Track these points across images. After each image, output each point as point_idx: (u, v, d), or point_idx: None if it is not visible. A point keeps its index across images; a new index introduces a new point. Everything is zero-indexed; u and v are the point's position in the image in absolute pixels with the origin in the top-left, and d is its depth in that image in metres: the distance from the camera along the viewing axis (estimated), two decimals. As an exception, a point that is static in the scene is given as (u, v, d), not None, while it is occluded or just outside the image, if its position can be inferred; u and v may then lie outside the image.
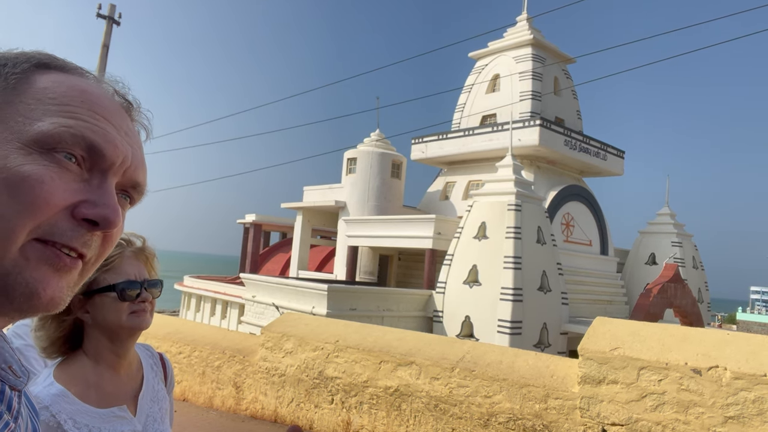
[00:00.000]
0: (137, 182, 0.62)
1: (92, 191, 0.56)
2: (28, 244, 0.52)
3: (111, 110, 0.59)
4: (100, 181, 0.57)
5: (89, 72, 0.62)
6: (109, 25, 12.23)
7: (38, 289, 0.52)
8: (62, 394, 1.15)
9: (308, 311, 15.26)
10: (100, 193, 0.56)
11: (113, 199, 0.57)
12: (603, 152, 23.91)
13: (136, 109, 0.66)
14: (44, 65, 0.59)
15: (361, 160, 23.53)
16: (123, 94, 0.65)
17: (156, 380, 1.40)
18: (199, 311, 27.10)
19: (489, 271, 16.82)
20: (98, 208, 0.55)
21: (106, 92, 0.61)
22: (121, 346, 1.27)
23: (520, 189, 17.65)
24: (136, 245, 1.32)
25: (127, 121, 0.62)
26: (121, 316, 1.24)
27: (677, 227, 24.01)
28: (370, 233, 21.35)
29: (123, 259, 1.27)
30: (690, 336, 4.02)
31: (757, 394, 3.50)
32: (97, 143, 0.56)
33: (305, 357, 5.85)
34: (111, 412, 1.20)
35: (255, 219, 30.02)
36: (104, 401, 1.21)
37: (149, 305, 1.30)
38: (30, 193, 0.51)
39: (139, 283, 1.27)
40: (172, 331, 7.26)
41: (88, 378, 1.21)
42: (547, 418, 4.31)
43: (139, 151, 0.62)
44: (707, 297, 24.65)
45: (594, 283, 21.57)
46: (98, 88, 0.60)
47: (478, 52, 25.56)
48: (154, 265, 1.36)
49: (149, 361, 1.42)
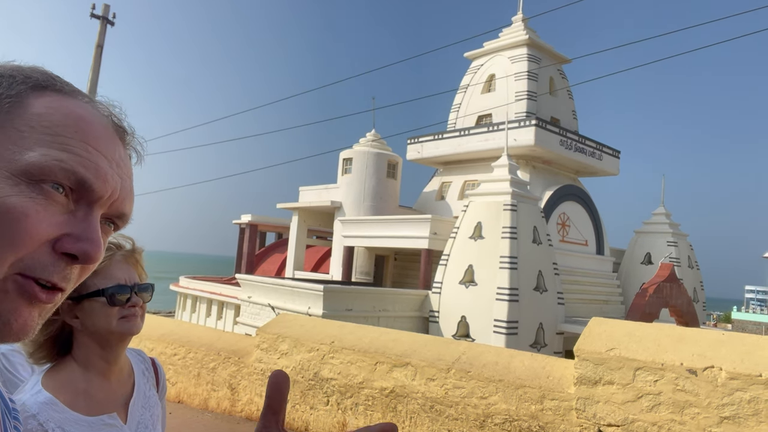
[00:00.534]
0: (123, 213, 0.62)
1: (76, 224, 0.55)
2: (9, 278, 0.52)
3: (104, 140, 0.58)
4: (85, 213, 0.56)
5: (86, 95, 0.60)
6: (103, 25, 12.17)
7: (10, 320, 0.52)
8: (50, 402, 1.12)
9: (304, 312, 15.23)
10: (84, 226, 0.55)
11: (97, 233, 0.56)
12: (598, 152, 23.97)
13: (130, 135, 0.65)
14: (41, 87, 0.57)
15: (357, 160, 23.51)
16: (118, 120, 0.63)
17: (148, 386, 1.38)
18: (195, 312, 27.03)
19: (485, 271, 16.83)
20: (80, 243, 0.54)
21: (101, 119, 0.60)
22: (112, 351, 1.25)
23: (515, 189, 17.66)
24: (125, 248, 1.30)
25: (120, 149, 0.61)
26: (111, 322, 1.22)
27: (672, 227, 24.09)
28: (365, 233, 21.34)
29: (113, 263, 1.25)
30: (685, 336, 4.02)
31: (753, 394, 3.50)
32: (88, 178, 0.55)
33: (300, 358, 5.83)
34: (101, 420, 1.18)
35: (251, 219, 29.96)
36: (94, 409, 1.19)
37: (140, 310, 1.27)
38: (14, 227, 0.50)
39: (129, 287, 1.25)
40: (167, 333, 7.22)
41: (77, 385, 1.19)
42: (543, 419, 4.30)
43: (128, 181, 0.61)
44: (702, 296, 24.74)
45: (590, 283, 21.61)
46: (93, 115, 0.59)
47: (473, 53, 25.57)
48: (144, 269, 1.34)
49: (141, 366, 1.40)
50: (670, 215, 24.59)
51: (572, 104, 25.20)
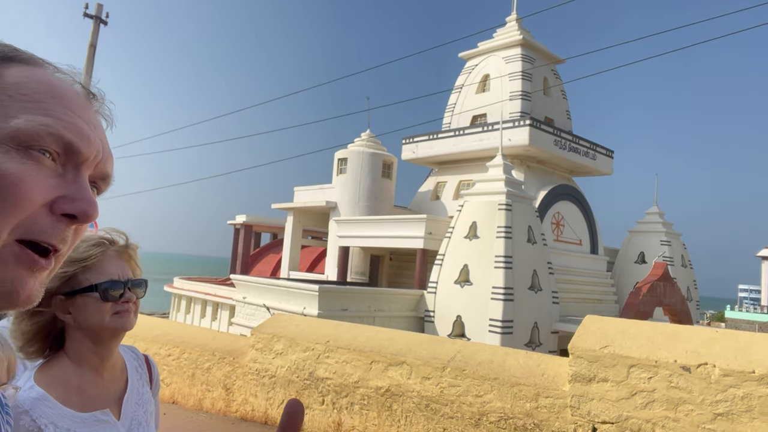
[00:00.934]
0: (107, 174, 0.63)
1: (68, 186, 0.56)
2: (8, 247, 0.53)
3: (80, 104, 0.60)
4: (74, 175, 0.57)
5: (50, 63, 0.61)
6: (96, 24, 12.12)
7: (17, 289, 0.54)
8: (43, 397, 1.12)
9: (299, 312, 15.21)
10: (76, 187, 0.57)
11: (89, 193, 0.58)
12: (592, 152, 24.06)
13: (99, 99, 0.66)
14: (8, 58, 0.58)
15: (352, 160, 23.50)
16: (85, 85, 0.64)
17: (141, 383, 1.37)
18: (190, 313, 26.95)
19: (480, 271, 16.85)
20: (77, 203, 0.56)
21: (72, 85, 0.61)
22: (105, 347, 1.24)
23: (510, 189, 17.70)
24: (119, 243, 1.30)
25: (93, 113, 0.62)
26: (104, 317, 1.21)
27: (666, 226, 24.20)
28: (361, 233, 21.33)
29: (106, 258, 1.24)
30: (679, 334, 4.03)
31: (746, 390, 3.52)
32: (74, 141, 0.56)
33: (296, 358, 5.82)
34: (93, 416, 1.17)
35: (246, 220, 29.90)
36: (87, 405, 1.18)
37: (133, 305, 1.26)
38: (11, 192, 0.52)
39: (123, 282, 1.24)
40: (161, 333, 7.20)
41: (69, 381, 1.18)
42: (538, 417, 4.31)
43: (106, 143, 0.63)
44: (696, 295, 24.86)
45: (584, 282, 21.68)
46: (64, 82, 0.60)
47: (468, 53, 25.62)
48: (138, 264, 1.33)
49: (134, 363, 1.39)
50: (663, 215, 24.70)
51: (566, 104, 25.28)
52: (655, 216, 24.60)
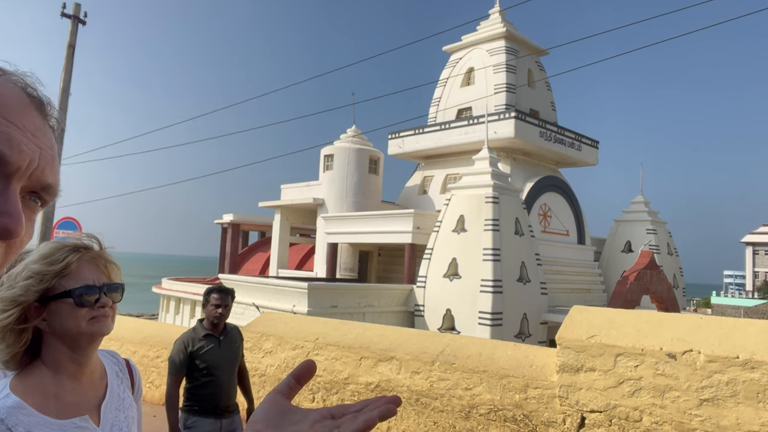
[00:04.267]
0: (47, 184, 0.59)
1: None
2: None
3: (16, 110, 0.56)
4: (2, 187, 0.54)
5: None
6: (75, 24, 11.94)
7: None
8: (18, 405, 1.10)
9: (289, 310, 15.18)
10: (1, 200, 0.53)
11: (15, 207, 0.54)
12: (577, 143, 24.21)
13: (47, 104, 0.62)
14: None
15: (338, 156, 23.44)
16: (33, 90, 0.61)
17: (122, 387, 1.36)
18: (179, 314, 26.77)
19: (468, 264, 16.92)
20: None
21: (12, 89, 0.58)
22: (82, 353, 1.23)
23: (497, 181, 17.76)
24: (93, 249, 1.28)
25: (36, 119, 0.59)
26: (81, 323, 1.20)
27: (651, 215, 24.44)
28: (349, 230, 21.30)
29: (81, 264, 1.23)
30: (664, 321, 4.07)
31: (731, 376, 3.56)
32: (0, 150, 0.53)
33: (285, 356, 5.80)
34: (72, 422, 1.16)
35: (233, 219, 29.73)
36: (65, 412, 1.16)
37: (110, 310, 1.25)
38: None
39: (98, 288, 1.23)
40: (149, 335, 7.14)
41: (46, 388, 1.17)
42: (527, 408, 4.33)
43: (48, 151, 0.59)
44: (682, 282, 25.17)
45: (572, 273, 21.85)
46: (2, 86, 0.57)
47: (451, 46, 25.62)
48: (113, 269, 1.31)
49: (114, 368, 1.37)
50: (648, 203, 24.94)
51: (551, 95, 25.40)
52: (641, 205, 24.83)
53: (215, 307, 3.77)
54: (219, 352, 3.74)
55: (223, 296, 3.80)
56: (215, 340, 3.76)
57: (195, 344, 3.72)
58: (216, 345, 3.74)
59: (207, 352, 3.70)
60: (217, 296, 3.80)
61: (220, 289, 3.85)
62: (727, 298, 56.16)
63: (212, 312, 3.78)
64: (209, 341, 3.75)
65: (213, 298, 3.79)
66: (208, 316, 3.81)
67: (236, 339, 3.92)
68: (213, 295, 3.81)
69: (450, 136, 23.01)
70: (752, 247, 72.28)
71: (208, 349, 3.71)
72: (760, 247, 71.87)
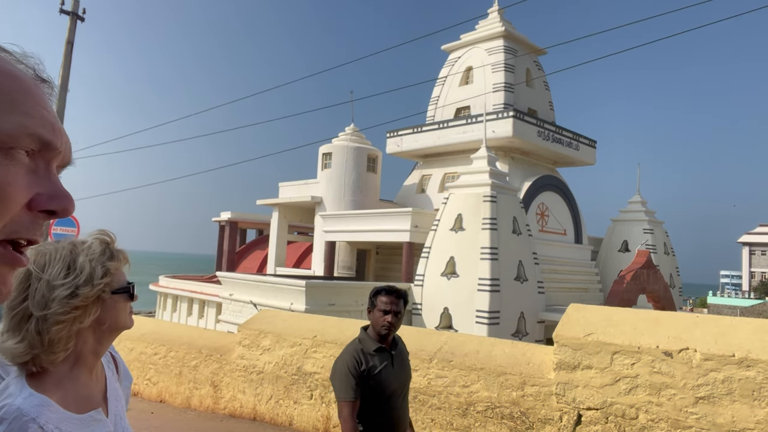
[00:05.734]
0: (68, 163, 0.63)
1: (42, 182, 0.57)
2: None
3: (43, 95, 0.59)
4: (45, 170, 0.57)
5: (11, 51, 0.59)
6: (73, 21, 11.91)
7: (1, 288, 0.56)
8: (45, 403, 1.09)
9: (287, 308, 15.18)
10: (50, 183, 0.57)
11: (64, 187, 0.58)
12: (575, 142, 24.24)
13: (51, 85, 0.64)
14: None
15: (337, 154, 23.44)
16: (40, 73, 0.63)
17: (114, 378, 1.38)
18: (176, 311, 26.77)
19: (466, 263, 16.94)
20: (57, 200, 0.57)
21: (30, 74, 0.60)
22: (106, 347, 1.26)
23: (495, 180, 17.79)
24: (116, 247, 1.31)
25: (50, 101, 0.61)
26: (127, 316, 1.26)
27: (648, 214, 24.50)
28: (347, 228, 21.31)
29: None
30: (661, 319, 4.10)
31: (726, 374, 3.59)
32: (50, 139, 0.57)
33: (283, 353, 5.82)
34: (89, 416, 1.17)
35: (231, 217, 29.71)
36: (82, 406, 1.17)
37: None
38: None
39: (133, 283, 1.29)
40: (147, 332, 7.14)
41: (65, 384, 1.17)
42: (524, 405, 4.36)
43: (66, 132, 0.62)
44: (679, 282, 25.24)
45: (569, 272, 21.90)
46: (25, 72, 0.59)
47: (450, 45, 25.62)
48: None
49: (104, 358, 1.39)
50: (645, 203, 25.00)
51: (549, 95, 25.42)
52: (638, 204, 24.89)
53: (383, 314, 2.97)
54: (393, 371, 2.97)
55: (395, 299, 3.00)
56: (388, 356, 2.99)
57: (368, 361, 2.92)
58: (389, 362, 2.98)
59: (382, 371, 2.92)
60: (387, 299, 2.98)
61: (389, 290, 3.03)
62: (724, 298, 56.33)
63: (379, 319, 2.98)
64: (382, 357, 2.97)
65: (381, 302, 2.99)
66: (375, 324, 3.01)
67: (405, 352, 3.20)
68: (381, 297, 3.01)
69: (448, 135, 23.03)
70: (749, 248, 72.51)
71: (382, 367, 2.93)
72: (756, 248, 72.10)
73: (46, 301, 1.13)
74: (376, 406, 2.89)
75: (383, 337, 2.97)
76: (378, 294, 3.00)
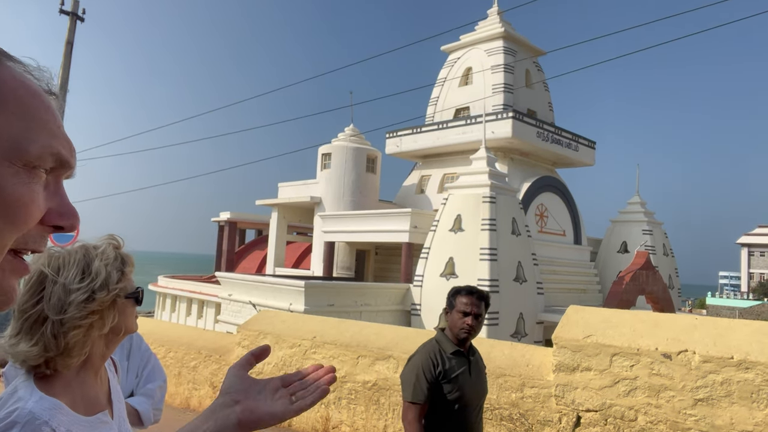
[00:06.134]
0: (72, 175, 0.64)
1: (53, 198, 0.58)
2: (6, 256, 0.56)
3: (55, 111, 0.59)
4: (55, 185, 0.59)
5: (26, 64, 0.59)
6: (73, 21, 11.90)
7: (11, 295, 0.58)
8: (57, 406, 1.10)
9: (286, 308, 15.18)
10: (59, 200, 0.59)
11: (71, 204, 0.60)
12: (574, 143, 24.26)
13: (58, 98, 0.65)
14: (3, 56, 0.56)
15: (336, 155, 23.44)
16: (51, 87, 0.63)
17: (114, 378, 1.39)
18: (175, 311, 26.75)
19: (465, 263, 16.95)
20: (66, 217, 0.59)
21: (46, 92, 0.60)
22: (112, 350, 1.27)
23: (494, 181, 17.80)
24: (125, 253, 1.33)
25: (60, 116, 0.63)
26: (133, 321, 1.28)
27: (647, 215, 24.52)
28: (346, 228, 21.31)
29: None
30: (660, 322, 4.11)
31: (725, 376, 3.59)
32: (68, 159, 0.58)
33: (283, 354, 5.82)
34: (97, 418, 1.17)
35: (230, 217, 29.71)
36: (90, 408, 1.18)
37: None
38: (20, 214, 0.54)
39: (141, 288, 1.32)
40: (146, 333, 7.12)
41: (73, 387, 1.18)
42: (524, 407, 4.36)
43: None
44: (678, 283, 25.26)
45: (568, 273, 21.91)
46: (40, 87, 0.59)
47: (450, 46, 25.63)
48: None
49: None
50: (644, 204, 25.02)
51: (548, 96, 25.44)
52: (637, 205, 24.91)
53: (462, 315, 2.75)
54: (470, 380, 2.73)
55: (475, 301, 2.76)
56: (466, 362, 2.76)
57: (444, 363, 2.70)
58: (467, 368, 2.74)
59: (459, 376, 2.69)
60: (467, 300, 2.76)
61: (470, 290, 2.81)
62: (723, 299, 56.39)
63: (458, 322, 2.75)
64: (460, 361, 2.74)
65: (460, 303, 2.77)
66: (453, 326, 2.79)
67: (482, 362, 2.96)
68: (461, 298, 2.78)
69: (448, 136, 23.03)
70: (747, 249, 72.60)
71: (459, 372, 2.70)
72: (755, 249, 72.20)
73: (62, 304, 1.13)
74: (446, 416, 2.64)
75: (461, 341, 2.77)
76: (457, 294, 2.81)
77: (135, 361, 2.45)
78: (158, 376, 2.48)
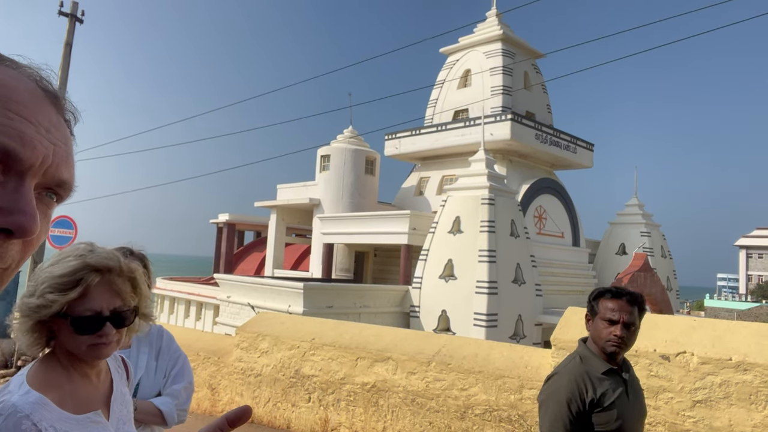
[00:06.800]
0: (62, 180, 0.58)
1: (6, 196, 0.51)
2: None
3: (30, 106, 0.54)
4: (16, 184, 0.52)
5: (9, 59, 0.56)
6: (72, 22, 11.91)
7: None
8: (41, 401, 1.12)
9: (284, 310, 15.17)
10: (15, 198, 0.51)
11: (30, 204, 0.52)
12: (573, 145, 24.29)
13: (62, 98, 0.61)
14: None
15: (335, 156, 23.44)
16: (47, 83, 0.59)
17: (122, 383, 1.39)
18: (173, 313, 26.71)
19: (464, 265, 16.95)
20: (12, 216, 0.51)
21: (26, 84, 0.56)
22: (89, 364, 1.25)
23: (493, 183, 17.81)
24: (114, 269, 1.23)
25: (51, 114, 0.57)
26: (81, 347, 1.19)
27: (645, 217, 24.55)
28: (345, 230, 21.31)
29: (93, 289, 1.19)
30: (658, 323, 4.11)
31: (723, 377, 3.60)
32: (12, 147, 0.50)
33: (281, 356, 5.81)
34: (87, 417, 1.19)
35: (228, 218, 29.68)
36: (80, 407, 1.20)
37: (114, 336, 1.22)
38: None
39: (103, 317, 1.20)
40: (145, 335, 7.13)
41: (63, 384, 1.20)
42: (522, 408, 4.36)
43: (63, 147, 0.58)
44: (676, 285, 25.28)
45: (567, 274, 21.93)
46: (16, 80, 0.55)
47: (448, 48, 25.66)
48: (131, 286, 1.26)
49: (113, 363, 1.41)
50: (643, 206, 25.06)
51: (547, 98, 25.48)
52: (635, 208, 24.94)
53: (608, 324, 2.14)
54: (629, 404, 2.14)
55: (625, 305, 2.13)
56: (621, 382, 2.16)
57: (595, 388, 2.09)
58: (624, 390, 2.14)
59: (615, 401, 2.09)
60: (614, 305, 2.14)
61: (617, 292, 2.17)
62: (721, 301, 56.43)
63: (603, 332, 2.15)
64: (615, 382, 2.14)
65: (605, 308, 2.16)
66: (597, 338, 2.18)
67: (637, 378, 2.32)
68: (605, 302, 2.17)
69: (446, 138, 23.06)
70: (746, 251, 72.71)
71: (616, 397, 2.10)
72: (753, 251, 72.30)
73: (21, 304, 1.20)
74: None
75: (611, 355, 2.15)
76: (601, 297, 2.20)
77: (164, 361, 2.41)
78: (185, 377, 2.46)
